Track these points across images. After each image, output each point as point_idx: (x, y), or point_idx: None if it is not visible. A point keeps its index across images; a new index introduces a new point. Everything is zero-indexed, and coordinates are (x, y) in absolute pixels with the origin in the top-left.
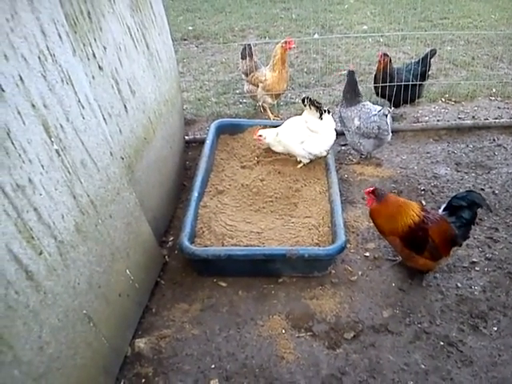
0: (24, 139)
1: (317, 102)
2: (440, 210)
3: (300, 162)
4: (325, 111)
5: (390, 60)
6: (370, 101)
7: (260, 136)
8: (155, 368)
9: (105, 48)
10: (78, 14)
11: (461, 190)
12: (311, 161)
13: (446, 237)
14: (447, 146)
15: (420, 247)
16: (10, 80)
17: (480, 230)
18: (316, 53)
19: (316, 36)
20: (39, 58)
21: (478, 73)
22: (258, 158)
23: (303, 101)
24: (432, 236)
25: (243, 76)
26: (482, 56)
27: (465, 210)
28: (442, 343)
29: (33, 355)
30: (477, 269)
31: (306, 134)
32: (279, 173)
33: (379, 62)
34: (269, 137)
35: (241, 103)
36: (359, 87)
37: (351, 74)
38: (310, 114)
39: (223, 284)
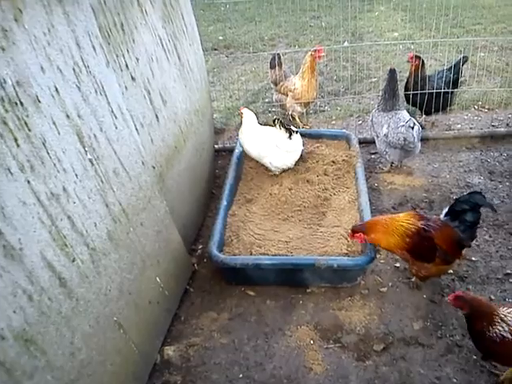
0: (59, 149)
1: (286, 125)
2: (442, 216)
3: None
4: (293, 132)
5: (423, 63)
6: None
7: (242, 113)
8: (184, 376)
9: (137, 59)
10: (111, 26)
11: (495, 200)
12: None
13: (452, 241)
14: (480, 155)
15: (430, 256)
16: (46, 91)
17: None
18: (346, 61)
19: (346, 44)
20: (74, 69)
21: None
22: None
23: (274, 122)
24: (439, 243)
25: (272, 85)
26: None
27: (468, 212)
28: (474, 357)
29: (65, 361)
30: (511, 281)
31: (272, 151)
32: (307, 181)
33: (411, 64)
34: (245, 123)
35: (270, 112)
36: (399, 90)
37: (392, 72)
38: (280, 134)
39: (251, 293)
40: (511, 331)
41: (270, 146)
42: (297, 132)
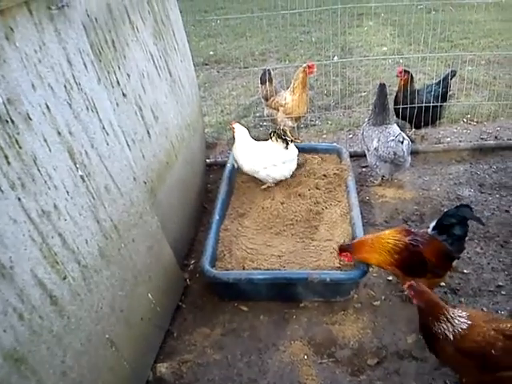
0: (50, 166)
1: (283, 135)
2: (429, 230)
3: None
4: (289, 141)
5: (412, 77)
6: None
7: (234, 128)
8: None
9: (128, 75)
10: (102, 43)
11: (485, 212)
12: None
13: (441, 254)
14: (470, 167)
15: (421, 271)
16: (37, 109)
17: (506, 253)
18: (336, 75)
19: (336, 59)
20: (65, 86)
21: (500, 92)
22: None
23: (270, 135)
24: (428, 256)
25: (263, 100)
26: (504, 76)
27: (455, 226)
28: None
29: (56, 380)
30: (503, 293)
31: (269, 163)
32: (299, 195)
33: (400, 79)
34: (238, 138)
35: (261, 126)
36: (389, 104)
37: (382, 86)
38: (276, 145)
39: (244, 308)
40: (454, 333)
41: (266, 159)
42: (291, 141)
